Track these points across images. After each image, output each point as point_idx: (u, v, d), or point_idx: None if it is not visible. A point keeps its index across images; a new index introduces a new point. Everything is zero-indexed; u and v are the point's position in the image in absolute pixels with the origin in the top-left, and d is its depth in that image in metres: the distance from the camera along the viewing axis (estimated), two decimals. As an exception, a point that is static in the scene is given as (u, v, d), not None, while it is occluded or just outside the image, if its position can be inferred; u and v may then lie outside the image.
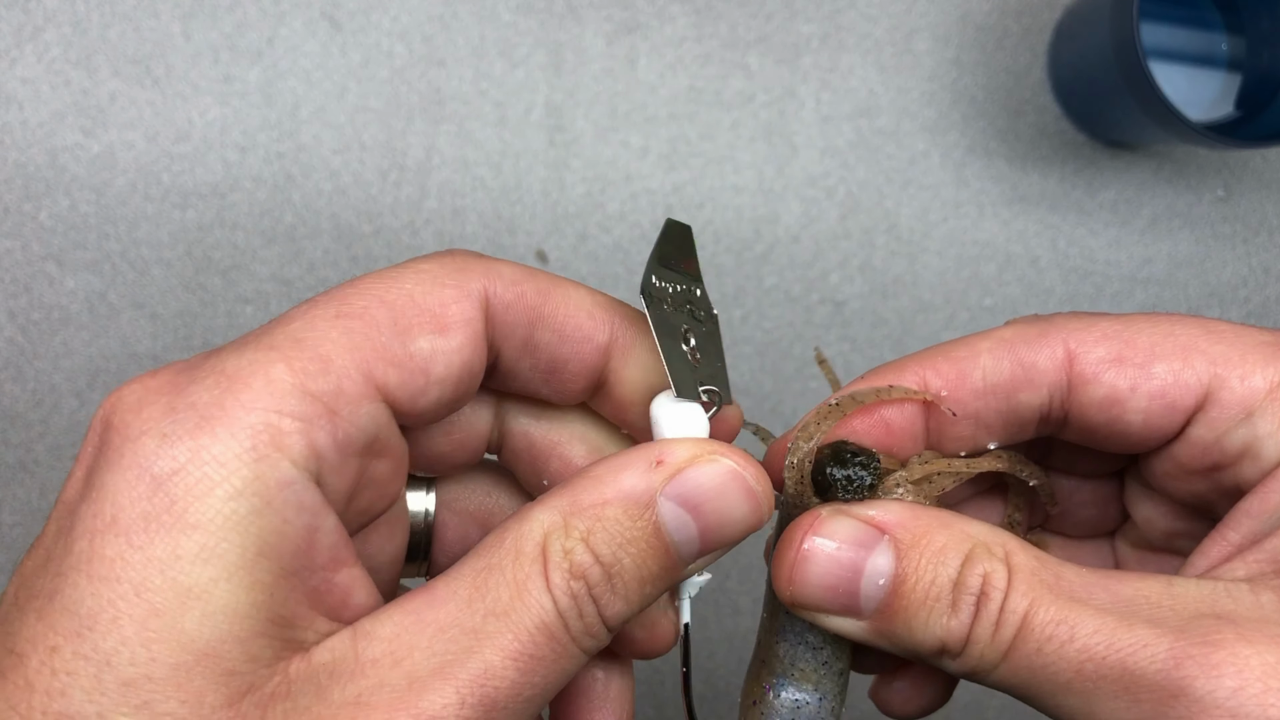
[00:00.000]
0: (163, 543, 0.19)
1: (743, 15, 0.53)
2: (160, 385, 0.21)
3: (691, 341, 0.25)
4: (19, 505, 0.49)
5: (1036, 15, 0.54)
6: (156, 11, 0.50)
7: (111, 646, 0.19)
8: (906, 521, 0.24)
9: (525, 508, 0.23)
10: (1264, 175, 0.55)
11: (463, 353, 0.23)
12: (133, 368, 0.50)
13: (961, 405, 0.26)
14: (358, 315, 0.22)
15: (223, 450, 0.20)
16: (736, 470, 0.23)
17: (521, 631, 0.21)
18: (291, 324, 0.22)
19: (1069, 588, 0.22)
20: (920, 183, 0.53)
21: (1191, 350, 0.24)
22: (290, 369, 0.21)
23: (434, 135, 0.51)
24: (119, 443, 0.20)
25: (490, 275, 0.23)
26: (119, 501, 0.20)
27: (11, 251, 0.49)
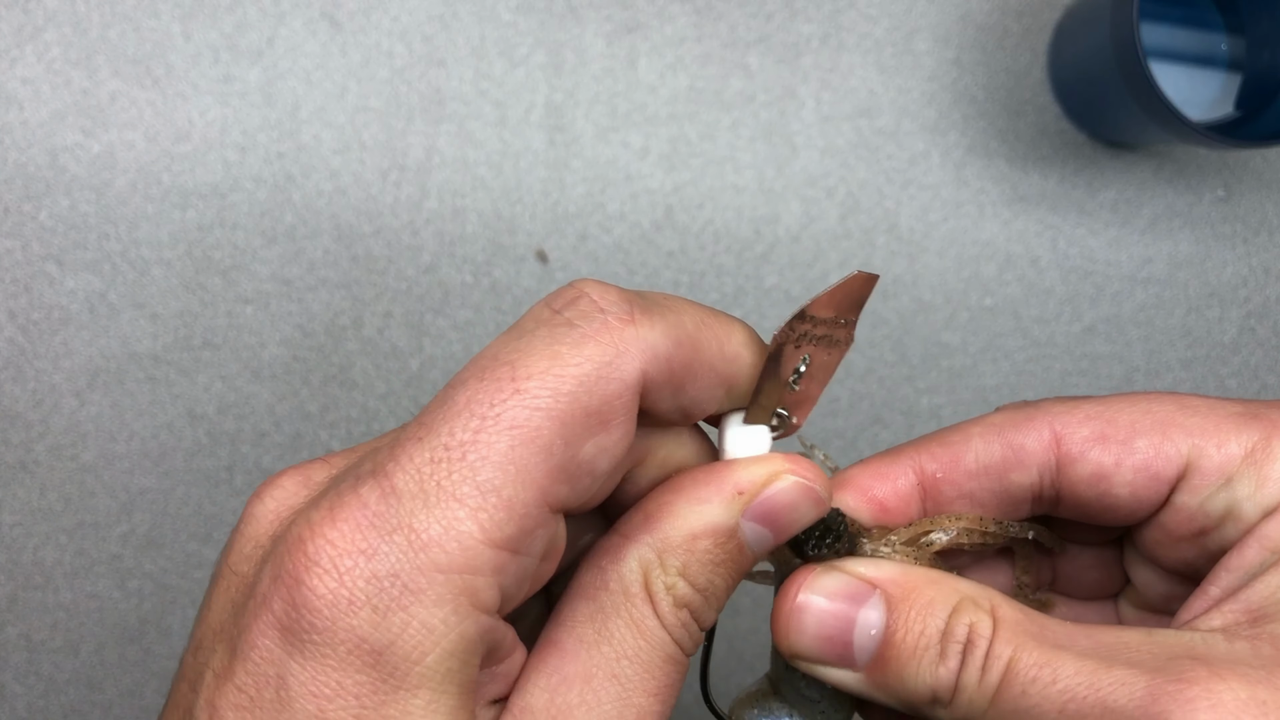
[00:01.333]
0: (394, 704, 0.21)
1: (743, 15, 0.53)
2: (350, 544, 0.21)
3: (803, 368, 0.26)
4: (19, 505, 0.49)
5: (1036, 15, 0.54)
6: (157, 11, 0.50)
7: None
8: (897, 577, 0.25)
9: (615, 545, 0.24)
10: (1264, 175, 0.55)
11: (624, 441, 0.23)
12: (133, 368, 0.50)
13: (956, 486, 0.27)
14: (532, 441, 0.22)
15: (430, 617, 0.21)
16: (805, 484, 0.25)
17: (655, 669, 0.23)
18: (467, 459, 0.21)
19: (1052, 636, 0.24)
20: (920, 183, 0.53)
21: (1169, 425, 0.26)
22: (478, 524, 0.21)
23: (434, 135, 0.51)
24: (330, 614, 0.21)
25: (646, 355, 0.23)
26: (344, 670, 0.21)
27: (11, 251, 0.49)
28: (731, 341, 0.25)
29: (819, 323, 0.25)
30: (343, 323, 0.51)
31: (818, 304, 0.25)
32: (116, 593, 0.49)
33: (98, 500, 0.49)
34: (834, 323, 0.26)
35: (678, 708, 0.28)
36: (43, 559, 0.49)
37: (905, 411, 0.53)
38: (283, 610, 0.21)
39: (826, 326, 0.26)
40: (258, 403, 0.50)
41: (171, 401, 0.50)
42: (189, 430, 0.50)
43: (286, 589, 0.21)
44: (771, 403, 0.26)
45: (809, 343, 0.25)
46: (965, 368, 0.53)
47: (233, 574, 0.23)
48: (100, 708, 0.49)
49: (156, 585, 0.50)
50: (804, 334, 0.25)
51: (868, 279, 0.25)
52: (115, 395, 0.50)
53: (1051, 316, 0.54)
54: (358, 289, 0.51)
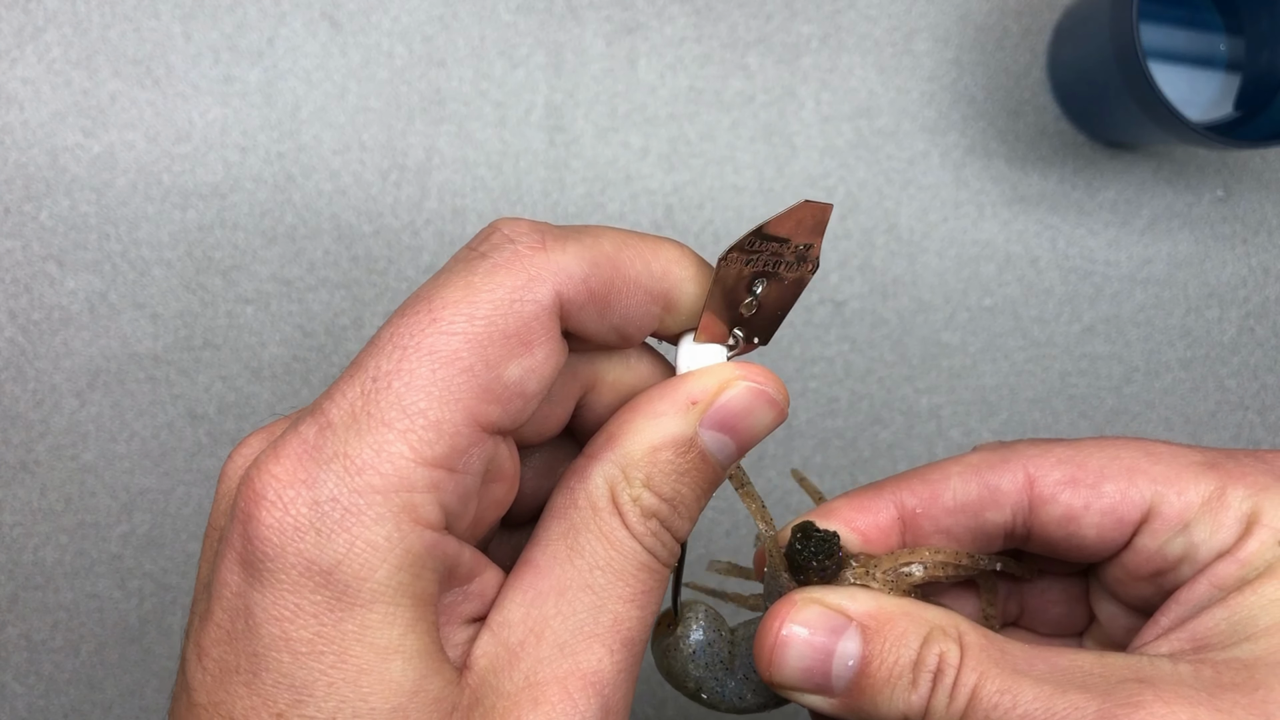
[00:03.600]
0: (351, 618, 0.22)
1: (743, 15, 0.53)
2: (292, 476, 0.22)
3: (758, 289, 0.26)
4: (19, 505, 0.49)
5: (1036, 15, 0.54)
6: (157, 12, 0.50)
7: (333, 705, 0.22)
8: (872, 609, 0.27)
9: (581, 465, 0.25)
10: (1264, 175, 0.55)
11: (549, 361, 0.24)
12: (133, 368, 0.50)
13: (934, 521, 0.29)
14: (451, 364, 0.23)
15: (373, 536, 0.22)
16: (758, 388, 0.26)
17: (628, 575, 0.24)
18: (392, 387, 0.23)
19: (1013, 661, 0.25)
20: (920, 183, 0.53)
21: (1135, 471, 0.28)
22: (409, 445, 0.22)
23: (434, 135, 0.51)
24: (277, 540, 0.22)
25: (559, 278, 0.24)
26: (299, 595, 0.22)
27: (12, 252, 0.49)
28: (659, 259, 0.26)
29: (775, 244, 0.26)
30: (343, 323, 0.51)
31: (772, 225, 0.25)
32: (117, 593, 0.49)
33: (98, 500, 0.50)
34: (792, 246, 0.26)
35: (677, 707, 0.28)
36: (43, 559, 0.49)
37: (905, 411, 0.53)
38: (241, 546, 0.22)
39: (784, 250, 0.26)
40: (258, 403, 0.50)
41: (172, 401, 0.50)
42: (189, 430, 0.50)
43: (242, 525, 0.23)
44: (724, 321, 0.27)
45: (765, 264, 0.26)
46: (965, 368, 0.53)
47: (213, 530, 0.25)
48: (100, 708, 0.49)
49: (157, 585, 0.50)
50: (758, 255, 0.26)
51: (822, 207, 0.26)
52: (116, 395, 0.50)
53: (1051, 316, 0.54)
54: (358, 289, 0.51)
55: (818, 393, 0.52)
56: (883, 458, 0.53)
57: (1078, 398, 0.54)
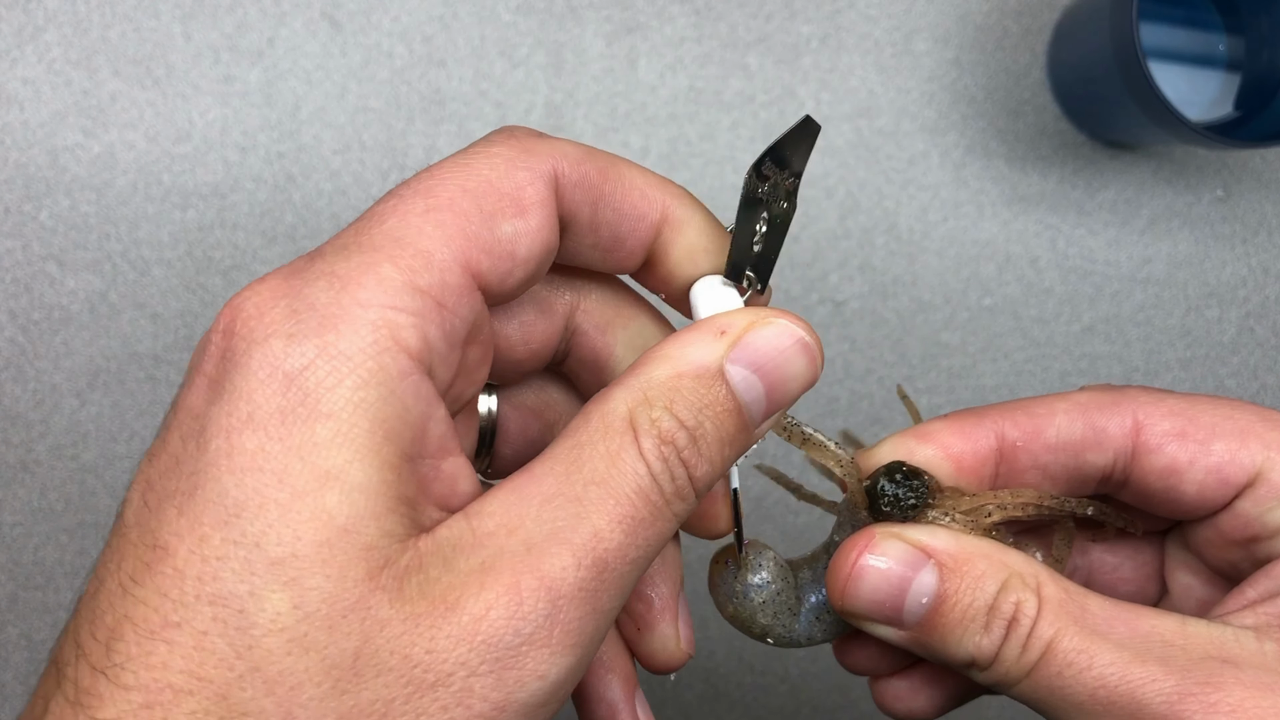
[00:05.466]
0: (299, 432, 0.20)
1: (743, 15, 0.53)
2: (274, 290, 0.21)
3: (762, 229, 0.26)
4: (19, 505, 0.49)
5: (1036, 15, 0.54)
6: (157, 12, 0.50)
7: (259, 530, 0.20)
8: (951, 548, 0.26)
9: (603, 391, 0.24)
10: (1263, 175, 0.55)
11: (542, 232, 0.24)
12: (133, 368, 0.50)
13: (1033, 456, 0.28)
14: (446, 207, 0.22)
15: (347, 345, 0.21)
16: (792, 329, 0.25)
17: (622, 496, 0.22)
18: (385, 222, 0.22)
19: (1092, 620, 0.25)
20: (920, 183, 0.53)
21: (1248, 433, 0.27)
22: (397, 267, 0.22)
23: (434, 135, 0.51)
24: (245, 346, 0.21)
25: (556, 155, 0.24)
26: (254, 400, 0.20)
27: (12, 251, 0.49)
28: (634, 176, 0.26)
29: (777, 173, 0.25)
30: (343, 323, 0.51)
31: (783, 145, 0.25)
32: (117, 592, 0.49)
33: (98, 500, 0.50)
34: (781, 177, 0.26)
35: (677, 706, 0.28)
36: (43, 559, 0.49)
37: (905, 411, 0.53)
38: (211, 365, 0.21)
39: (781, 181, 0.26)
40: (258, 403, 0.50)
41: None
42: (189, 430, 0.50)
43: (216, 346, 0.22)
44: (744, 261, 0.26)
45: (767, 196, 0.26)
46: (965, 368, 0.53)
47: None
48: (101, 707, 0.49)
49: (157, 585, 0.50)
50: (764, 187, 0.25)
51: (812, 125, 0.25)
52: (116, 395, 0.50)
53: (1051, 316, 0.54)
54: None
55: (818, 392, 0.52)
56: (883, 457, 0.53)
57: (1077, 397, 0.54)
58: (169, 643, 0.19)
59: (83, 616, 0.21)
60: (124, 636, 0.20)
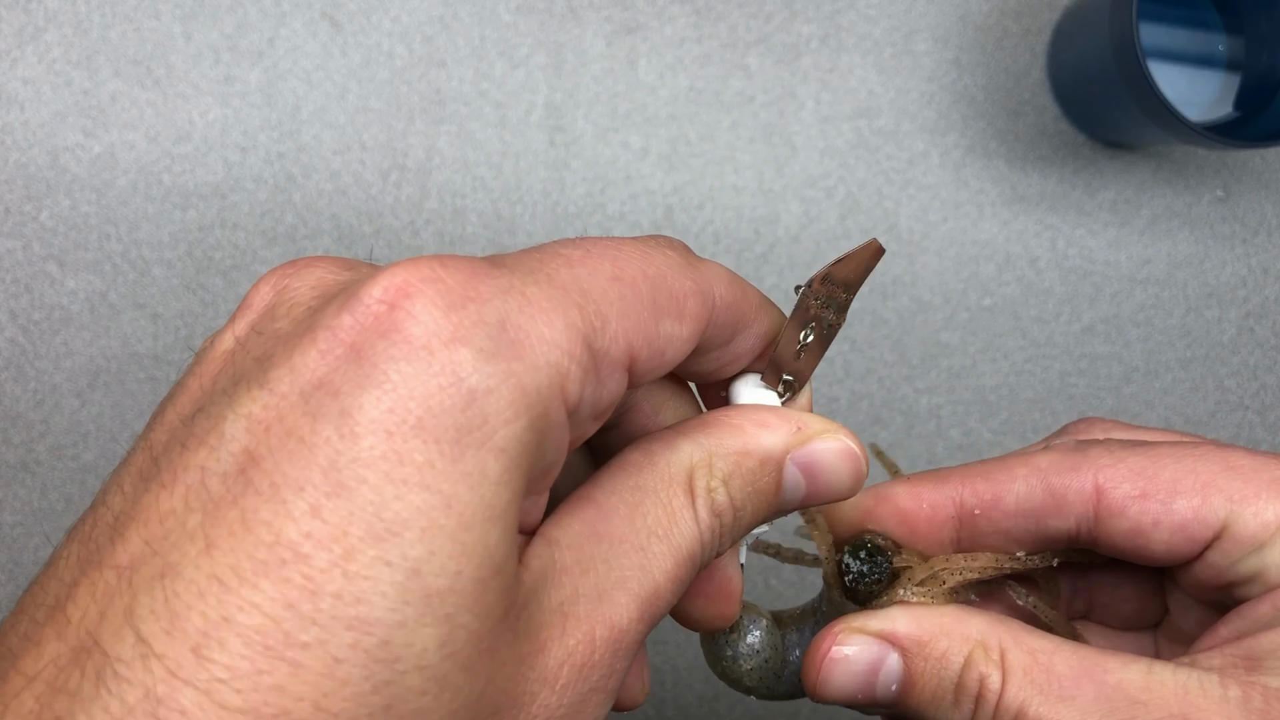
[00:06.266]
0: (473, 459, 0.19)
1: (743, 16, 0.53)
2: (462, 286, 0.19)
3: (810, 338, 0.26)
4: (19, 505, 0.49)
5: (1036, 15, 0.54)
6: (157, 12, 0.50)
7: (420, 555, 0.18)
8: (913, 631, 0.27)
9: (669, 435, 0.24)
10: (1263, 175, 0.55)
11: (690, 343, 0.24)
12: (134, 368, 0.50)
13: (993, 524, 0.29)
14: (629, 284, 0.22)
15: (530, 381, 0.19)
16: (855, 452, 0.26)
17: (679, 556, 0.23)
18: (574, 268, 0.21)
19: (1058, 684, 0.26)
20: (920, 183, 0.53)
21: (1210, 487, 0.27)
22: (583, 318, 0.21)
23: (434, 136, 0.51)
24: (424, 337, 0.19)
25: (712, 276, 0.24)
26: (429, 405, 0.18)
27: (13, 252, 0.49)
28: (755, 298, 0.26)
29: (828, 290, 0.26)
30: (343, 323, 0.51)
31: (840, 266, 0.25)
32: (117, 592, 0.50)
33: (98, 500, 0.50)
34: (837, 293, 0.26)
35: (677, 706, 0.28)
36: (43, 559, 0.49)
37: (905, 411, 0.53)
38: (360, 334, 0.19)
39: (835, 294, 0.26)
40: (258, 403, 0.50)
41: (172, 401, 0.50)
42: (190, 430, 0.50)
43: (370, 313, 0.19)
44: (784, 366, 0.26)
45: (819, 309, 0.26)
46: (965, 368, 0.53)
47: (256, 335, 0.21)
48: (101, 707, 0.49)
49: (157, 585, 0.50)
50: (818, 300, 0.26)
51: (878, 250, 0.25)
52: (116, 395, 0.50)
53: (1050, 316, 0.54)
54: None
55: (818, 393, 0.52)
56: (883, 458, 0.53)
57: (1077, 398, 0.54)
58: (293, 664, 0.17)
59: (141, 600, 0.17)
60: (225, 645, 0.17)
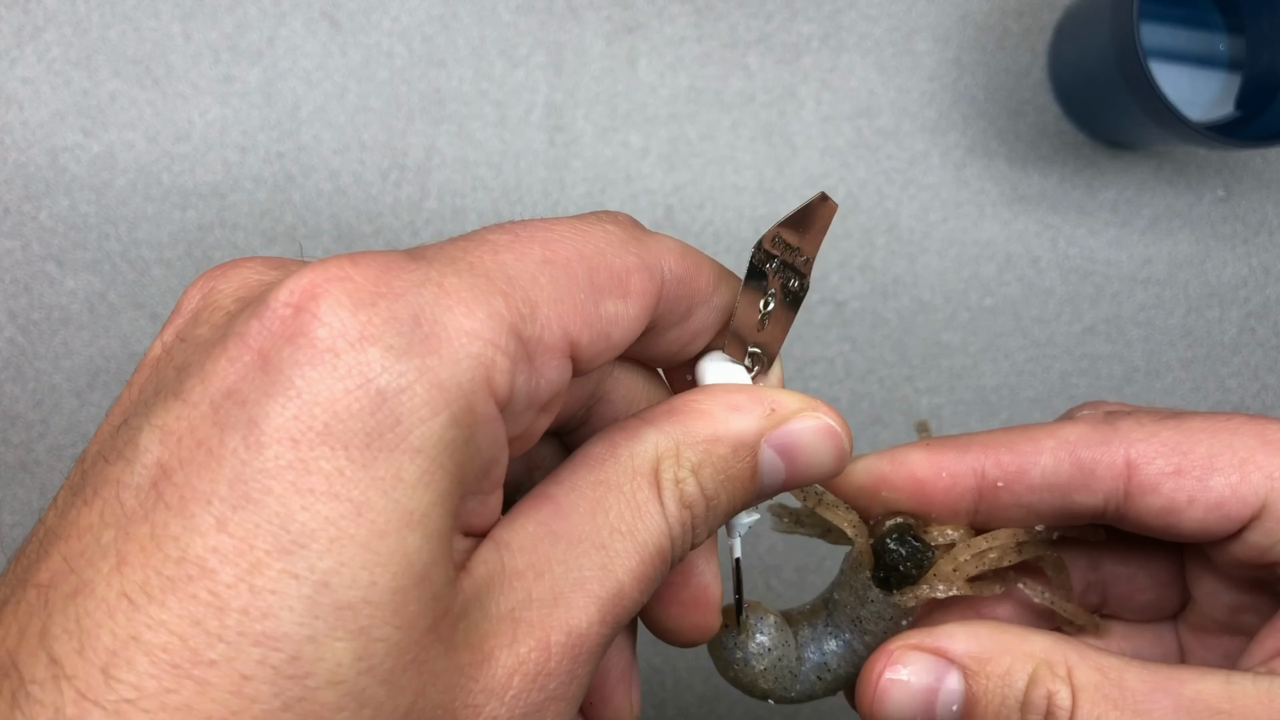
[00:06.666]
0: (386, 462, 0.18)
1: (743, 15, 0.53)
2: (374, 282, 0.19)
3: (770, 306, 0.25)
4: (19, 505, 0.49)
5: (1036, 15, 0.54)
6: (157, 12, 0.50)
7: (329, 567, 0.17)
8: (972, 649, 0.26)
9: (634, 424, 0.23)
10: (1264, 175, 0.55)
11: (638, 321, 0.23)
12: (133, 368, 0.50)
13: (1015, 497, 0.27)
14: (562, 265, 0.21)
15: (447, 375, 0.19)
16: (834, 428, 0.24)
17: (645, 552, 0.22)
18: (499, 254, 0.20)
19: (1133, 699, 0.24)
20: (920, 183, 0.53)
21: (1248, 463, 0.25)
22: (507, 306, 0.20)
23: (434, 135, 0.51)
24: (329, 339, 0.18)
25: (662, 249, 0.23)
26: (335, 410, 0.18)
27: (12, 252, 0.49)
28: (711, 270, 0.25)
29: (785, 253, 0.25)
30: (343, 323, 0.51)
31: (789, 223, 0.24)
32: (117, 593, 0.49)
33: (98, 500, 0.50)
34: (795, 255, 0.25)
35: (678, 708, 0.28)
36: (43, 559, 0.49)
37: (905, 411, 0.53)
38: (267, 340, 0.18)
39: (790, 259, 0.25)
40: (258, 403, 0.50)
41: (172, 401, 0.50)
42: (189, 430, 0.50)
43: (277, 317, 0.18)
44: (746, 338, 0.25)
45: (775, 275, 0.25)
46: (965, 368, 0.53)
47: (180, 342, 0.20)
48: (100, 708, 0.49)
49: (157, 585, 0.50)
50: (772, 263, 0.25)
51: (831, 205, 0.24)
52: (115, 395, 0.50)
53: (1051, 316, 0.54)
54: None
55: (818, 393, 0.52)
56: (883, 458, 0.53)
57: (1078, 398, 0.54)
58: (200, 682, 0.17)
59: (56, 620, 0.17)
60: (133, 664, 0.16)
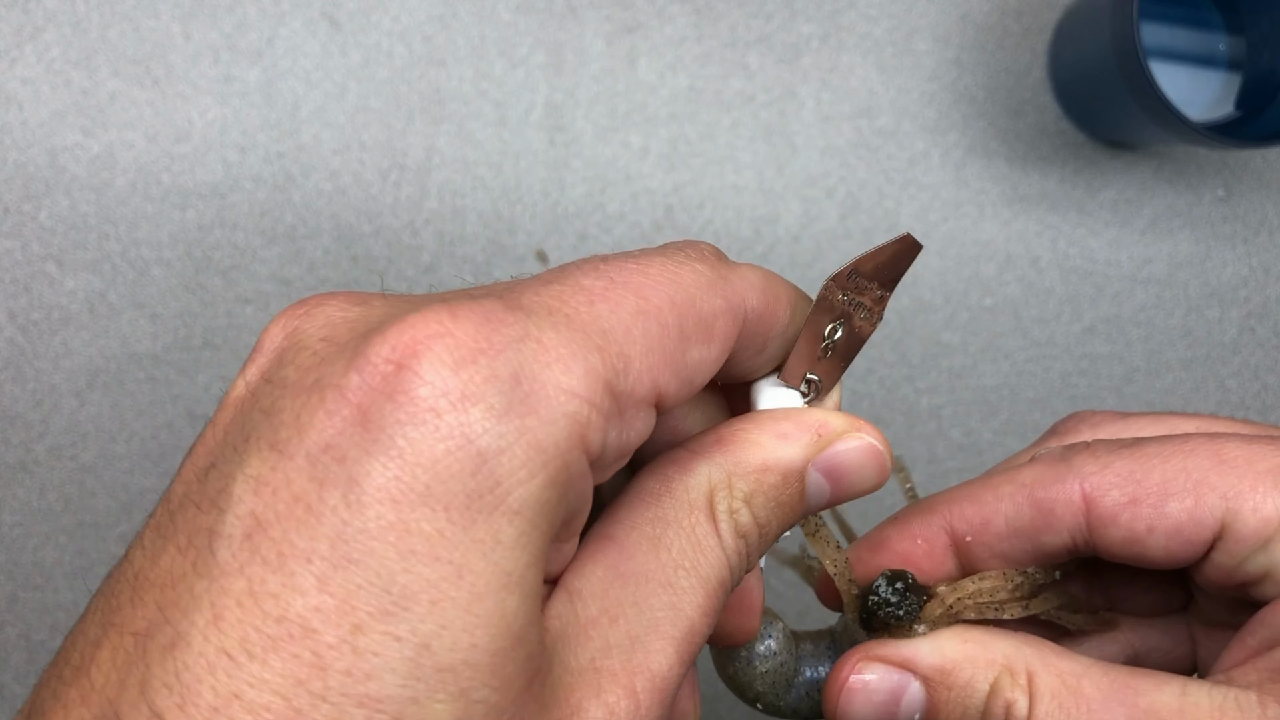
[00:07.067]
0: (485, 524, 0.18)
1: (743, 15, 0.53)
2: (473, 338, 0.19)
3: (837, 334, 0.25)
4: (19, 505, 0.49)
5: (1036, 15, 0.54)
6: (156, 12, 0.50)
7: (430, 630, 0.18)
8: (935, 660, 0.26)
9: (684, 458, 0.23)
10: (1264, 175, 0.55)
11: (719, 363, 0.23)
12: (132, 368, 0.50)
13: (988, 548, 0.28)
14: (654, 316, 0.21)
15: (545, 436, 0.19)
16: (877, 448, 0.25)
17: (709, 587, 0.22)
18: (596, 305, 0.21)
19: (1087, 707, 0.25)
20: (920, 183, 0.53)
21: (1203, 486, 0.26)
22: (604, 362, 0.20)
23: (434, 135, 0.51)
24: (432, 399, 0.18)
25: (746, 286, 0.23)
26: (437, 472, 0.18)
27: (11, 251, 0.49)
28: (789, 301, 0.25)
29: (858, 287, 0.25)
30: (343, 323, 0.51)
31: (866, 260, 0.25)
32: (116, 593, 0.49)
33: (98, 500, 0.49)
34: (870, 291, 0.25)
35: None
36: (43, 559, 0.49)
37: (905, 411, 0.53)
38: (367, 395, 0.18)
39: (863, 293, 0.25)
40: (258, 403, 0.50)
41: (171, 402, 0.50)
42: (189, 431, 0.50)
43: (377, 372, 0.18)
44: (805, 365, 0.26)
45: (847, 307, 0.25)
46: (965, 368, 0.53)
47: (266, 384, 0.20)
48: (100, 708, 0.49)
49: (156, 585, 0.50)
50: (845, 295, 0.25)
51: (914, 246, 0.24)
52: (115, 395, 0.50)
53: (1051, 316, 0.54)
54: (358, 289, 0.51)
55: (818, 393, 0.52)
56: (883, 458, 0.53)
57: (1079, 398, 0.54)
58: None
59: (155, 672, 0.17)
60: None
